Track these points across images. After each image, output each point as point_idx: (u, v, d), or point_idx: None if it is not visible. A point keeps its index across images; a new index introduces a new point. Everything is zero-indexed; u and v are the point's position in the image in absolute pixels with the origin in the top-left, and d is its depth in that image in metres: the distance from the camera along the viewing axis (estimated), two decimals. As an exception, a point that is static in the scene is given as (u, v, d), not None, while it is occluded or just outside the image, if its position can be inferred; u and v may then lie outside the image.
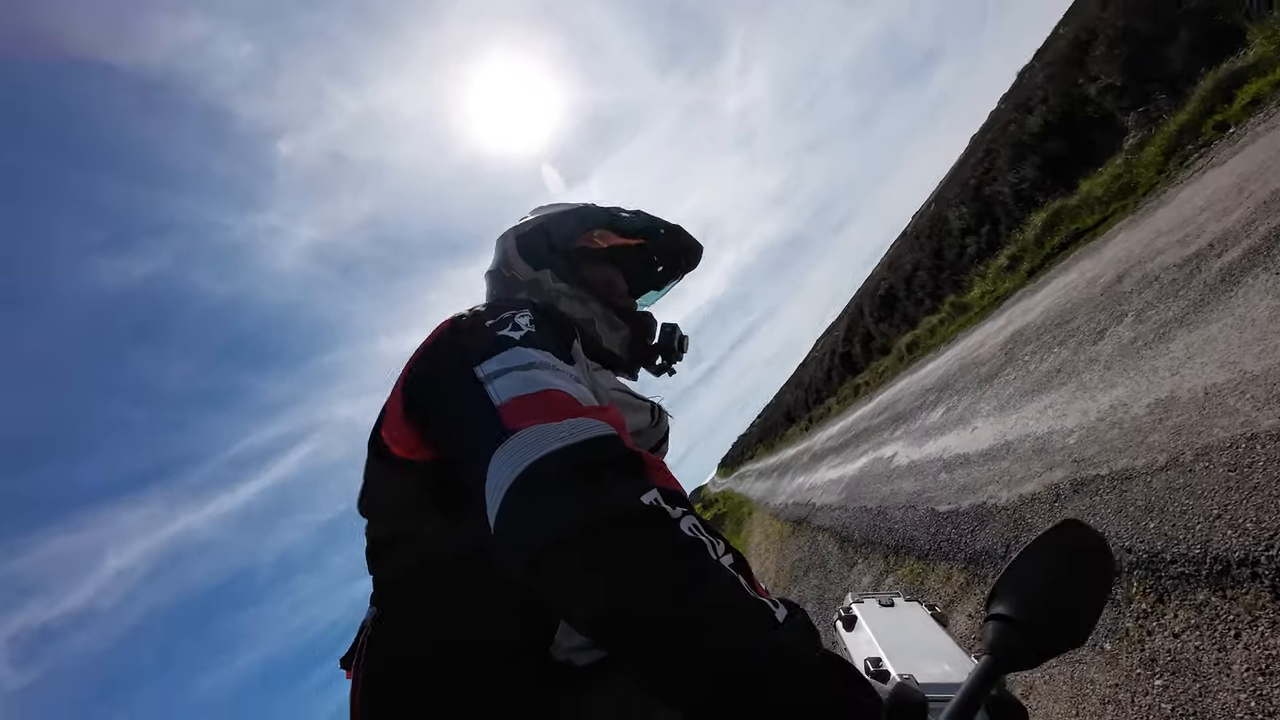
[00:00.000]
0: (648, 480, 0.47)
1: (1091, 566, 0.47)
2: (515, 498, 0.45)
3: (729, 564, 0.44)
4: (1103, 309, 4.20)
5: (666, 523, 0.44)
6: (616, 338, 0.97)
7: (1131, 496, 2.25)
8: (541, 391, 0.55)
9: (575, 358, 0.69)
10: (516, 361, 0.59)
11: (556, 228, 0.99)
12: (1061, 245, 7.24)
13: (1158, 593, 1.83)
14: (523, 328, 0.66)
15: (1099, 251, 5.74)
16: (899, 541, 4.12)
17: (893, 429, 7.43)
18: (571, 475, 0.46)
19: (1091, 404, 3.22)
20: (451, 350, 0.67)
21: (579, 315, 0.95)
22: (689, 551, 0.43)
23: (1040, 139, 8.10)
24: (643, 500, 0.44)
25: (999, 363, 5.46)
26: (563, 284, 0.95)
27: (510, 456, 0.47)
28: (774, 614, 0.42)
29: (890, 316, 14.28)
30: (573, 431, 0.48)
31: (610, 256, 1.04)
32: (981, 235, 9.87)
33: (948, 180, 23.61)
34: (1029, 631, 0.43)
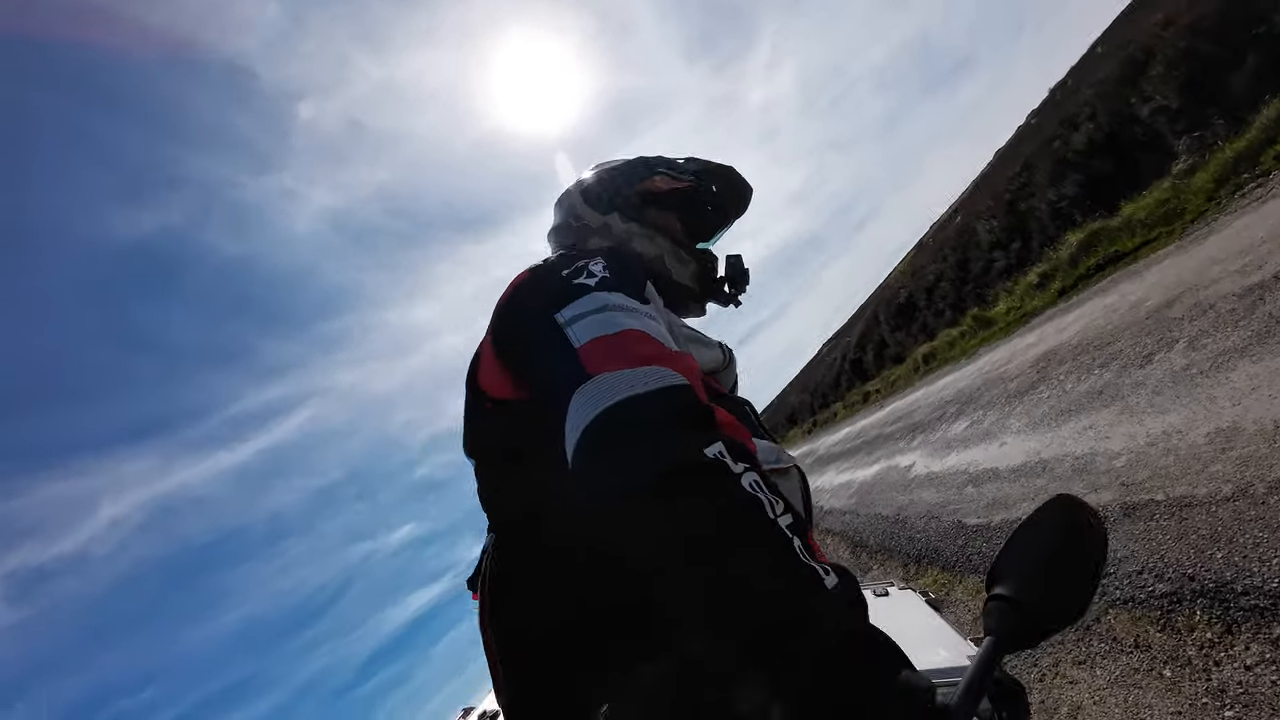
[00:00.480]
0: (716, 432, 0.47)
1: (1086, 542, 0.47)
2: (589, 442, 0.47)
3: (786, 524, 0.43)
4: (1149, 333, 4.13)
5: (726, 477, 0.44)
6: (687, 271, 1.00)
7: (1194, 524, 2.20)
8: (619, 332, 0.56)
9: (651, 297, 0.71)
10: (592, 306, 0.60)
11: (618, 176, 1.04)
12: (1098, 266, 7.13)
13: (1225, 623, 1.79)
14: (597, 274, 0.67)
15: (1141, 275, 5.64)
16: (920, 551, 4.09)
17: (909, 438, 7.38)
18: (642, 424, 0.47)
19: (1139, 428, 3.17)
20: (532, 298, 0.70)
21: (650, 253, 0.97)
22: (744, 509, 0.43)
23: (1085, 157, 7.94)
24: (706, 453, 0.44)
25: (1030, 380, 5.40)
26: (633, 224, 0.98)
27: (587, 399, 0.49)
28: (823, 580, 0.41)
29: (907, 326, 14.17)
30: (647, 380, 0.49)
31: (668, 201, 1.07)
32: (1011, 250, 9.74)
33: (976, 192, 23.34)
34: (1029, 611, 0.43)
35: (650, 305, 0.68)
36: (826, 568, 0.42)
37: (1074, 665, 2.13)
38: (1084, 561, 0.47)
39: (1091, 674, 2.04)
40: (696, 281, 1.02)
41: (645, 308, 0.65)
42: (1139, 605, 2.10)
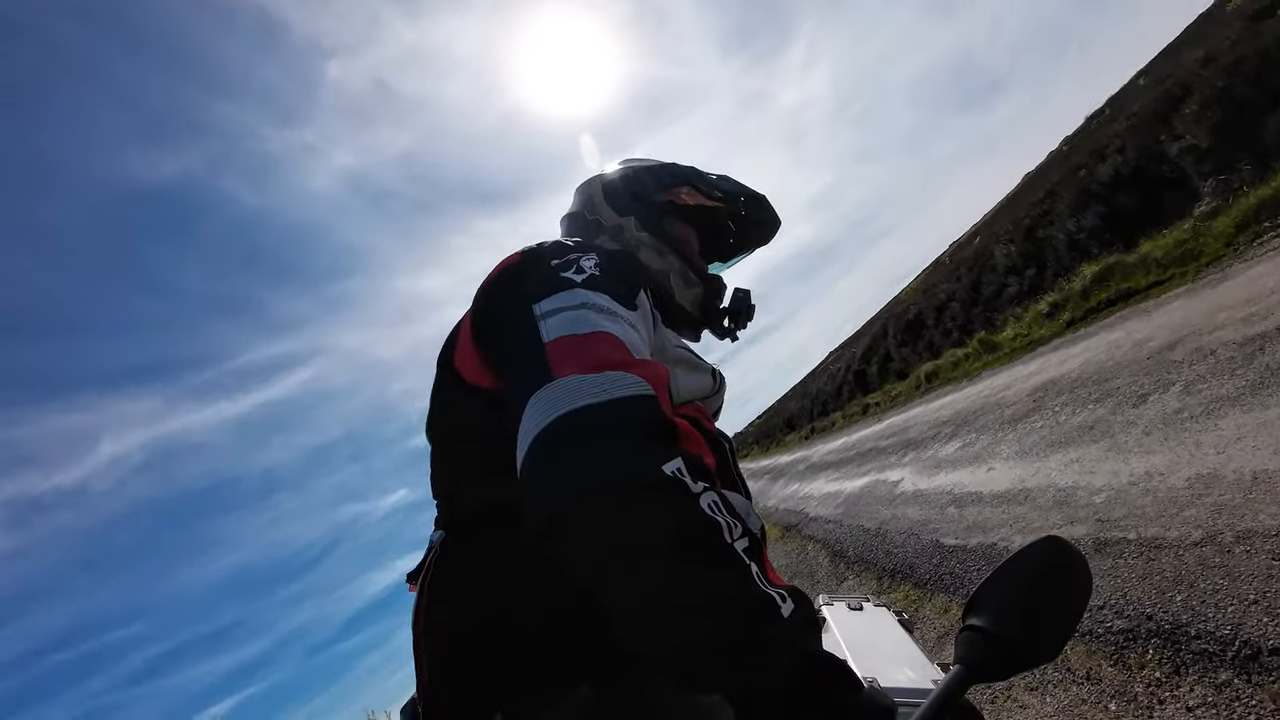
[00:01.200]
0: (674, 448, 0.45)
1: (1069, 583, 0.47)
2: (539, 450, 0.45)
3: (743, 549, 0.42)
4: (1148, 373, 4.12)
5: (683, 497, 0.42)
6: (690, 294, 0.97)
7: (1159, 566, 2.23)
8: (589, 333, 0.54)
9: (639, 306, 0.67)
10: (572, 302, 0.58)
11: (644, 179, 0.99)
12: (1109, 301, 7.08)
13: (1174, 664, 1.83)
14: (586, 270, 0.65)
15: (1149, 314, 5.61)
16: (897, 566, 4.13)
17: (901, 454, 7.40)
18: (597, 434, 0.44)
19: (1124, 466, 3.19)
20: (516, 284, 0.66)
21: (656, 266, 0.94)
22: (700, 531, 0.41)
23: (1109, 189, 7.86)
24: (664, 469, 0.42)
25: (1026, 408, 5.40)
26: (645, 233, 0.95)
27: (544, 403, 0.46)
28: (779, 608, 0.40)
29: (914, 342, 14.12)
30: (607, 387, 0.47)
31: (690, 216, 1.03)
32: (1026, 277, 9.67)
33: (997, 215, 23.09)
34: (1002, 644, 0.43)
35: (636, 312, 0.65)
36: (783, 593, 0.42)
37: (1026, 690, 2.18)
38: (1064, 604, 0.46)
39: (1041, 700, 2.09)
40: (698, 307, 0.98)
41: (629, 314, 0.62)
42: (1096, 639, 2.13)
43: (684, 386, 0.79)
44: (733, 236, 1.15)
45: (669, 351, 0.79)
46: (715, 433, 0.82)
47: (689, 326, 1.00)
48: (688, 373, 0.81)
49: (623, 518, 0.40)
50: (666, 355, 0.78)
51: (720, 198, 1.03)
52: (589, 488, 0.41)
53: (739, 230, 1.14)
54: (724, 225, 1.12)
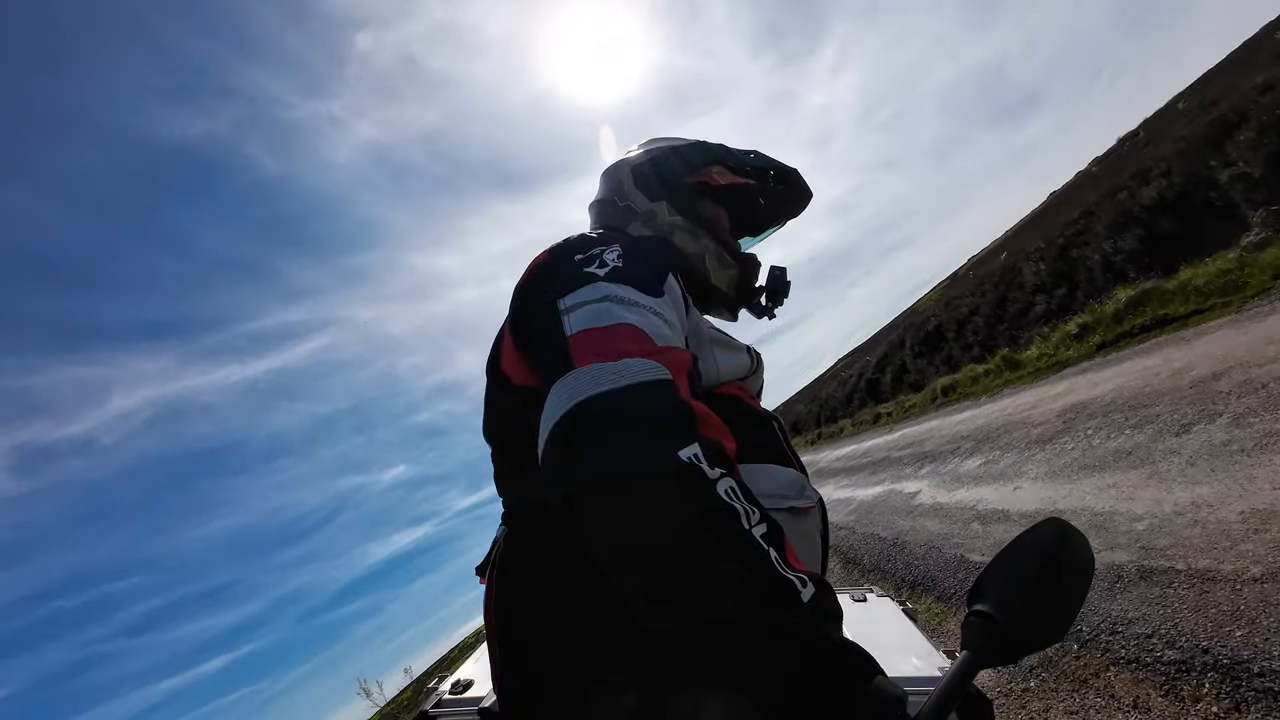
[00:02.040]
0: (692, 433, 0.44)
1: (1072, 566, 0.48)
2: (557, 436, 0.45)
3: (761, 534, 0.42)
4: (1191, 403, 4.03)
5: (699, 484, 0.42)
6: (725, 275, 0.96)
7: (1215, 599, 2.17)
8: (610, 325, 0.54)
9: (668, 291, 0.67)
10: (594, 295, 0.59)
11: (674, 160, 0.97)
12: (1143, 327, 6.95)
13: (1234, 700, 1.78)
14: (609, 263, 0.65)
15: (1189, 343, 5.49)
16: (917, 578, 4.09)
17: (917, 466, 7.33)
18: (614, 420, 0.44)
19: (1167, 495, 3.12)
20: (544, 283, 0.68)
21: (691, 249, 0.93)
22: (715, 519, 0.41)
23: (1151, 213, 7.69)
24: (680, 455, 0.42)
25: (1055, 429, 5.32)
26: (679, 217, 0.94)
27: (562, 392, 0.47)
28: (799, 593, 0.40)
29: (931, 355, 13.98)
30: (625, 373, 0.47)
31: (722, 195, 1.02)
32: (1055, 296, 9.52)
33: (1024, 232, 22.76)
34: (1008, 629, 0.43)
35: (664, 298, 0.65)
36: (803, 578, 0.41)
37: (1065, 714, 2.14)
38: (1068, 586, 0.47)
39: (1084, 726, 2.05)
40: (733, 288, 0.97)
41: (654, 301, 0.62)
42: (1144, 668, 2.09)
43: (723, 367, 0.80)
44: (764, 210, 1.14)
45: (703, 334, 0.79)
46: (761, 412, 0.82)
47: (725, 307, 0.99)
48: (725, 354, 0.82)
49: (638, 505, 0.41)
50: (701, 337, 0.78)
51: (752, 174, 1.01)
52: (604, 474, 0.42)
53: (770, 204, 1.12)
54: (755, 200, 1.10)
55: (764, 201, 1.11)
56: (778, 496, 0.71)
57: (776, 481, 0.72)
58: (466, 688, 1.32)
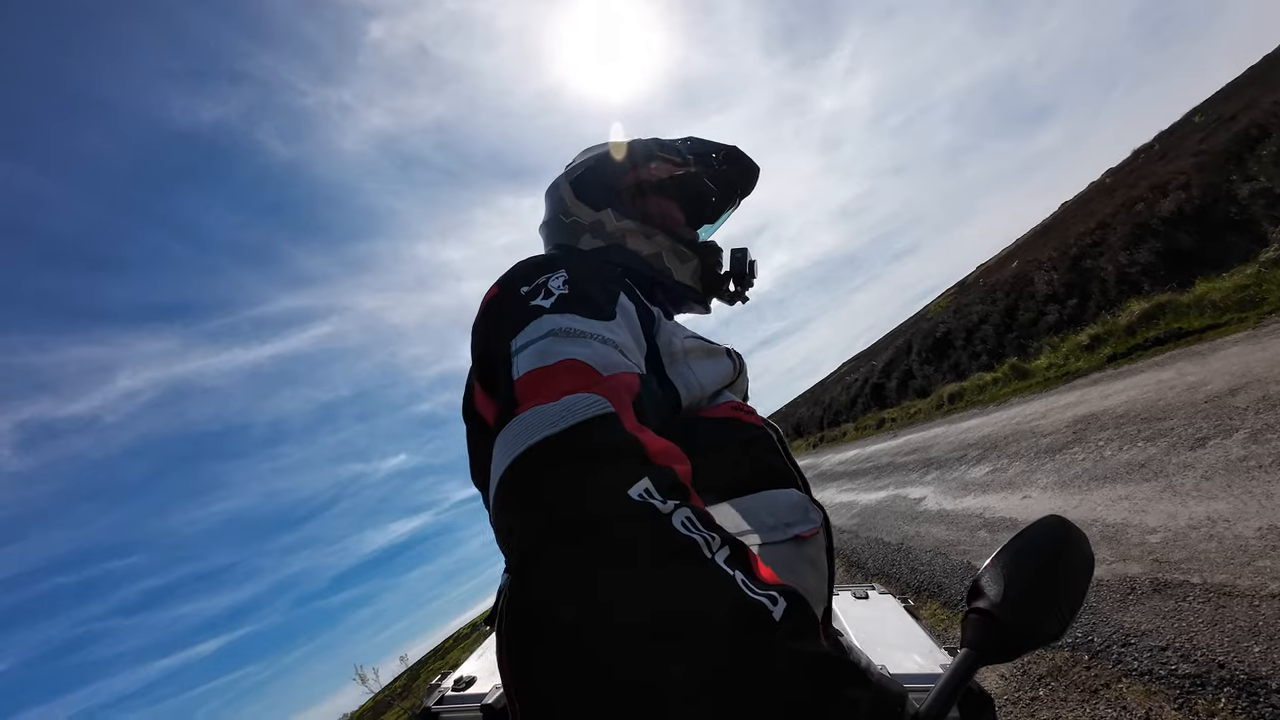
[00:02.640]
0: (640, 467, 0.43)
1: (1073, 563, 0.48)
2: (501, 496, 0.43)
3: (724, 559, 0.40)
4: (1206, 417, 4.00)
5: (653, 521, 0.40)
6: (687, 269, 0.94)
7: (1231, 614, 2.15)
8: (554, 364, 0.52)
9: (620, 312, 0.66)
10: (539, 333, 0.57)
11: (610, 164, 0.96)
12: (1157, 340, 6.89)
13: (1251, 716, 1.76)
14: (554, 292, 0.63)
15: (1204, 358, 5.44)
16: (923, 583, 4.07)
17: (922, 472, 7.31)
18: (555, 471, 0.43)
19: (1181, 509, 3.09)
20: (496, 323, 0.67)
21: (646, 251, 0.91)
22: (674, 555, 0.39)
23: (1169, 226, 7.62)
24: (630, 494, 0.40)
25: (1065, 439, 5.28)
26: (627, 220, 0.92)
27: (504, 445, 0.46)
28: (770, 614, 0.38)
29: (939, 362, 13.91)
30: (563, 415, 0.45)
31: (666, 189, 1.00)
32: (1067, 306, 9.45)
33: (1036, 241, 22.62)
34: (1008, 626, 0.43)
35: (615, 320, 0.63)
36: (773, 595, 0.39)
37: (1076, 724, 2.13)
38: (1068, 583, 0.47)
39: (1094, 736, 2.03)
40: (698, 279, 0.95)
41: (603, 326, 0.60)
42: (1157, 679, 2.07)
43: (704, 377, 0.77)
44: (715, 195, 1.11)
45: (676, 347, 0.76)
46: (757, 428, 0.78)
47: (695, 301, 0.98)
48: (703, 361, 0.79)
49: (592, 557, 0.39)
50: (674, 352, 0.76)
51: (691, 161, 0.99)
52: (553, 532, 0.40)
53: (719, 187, 1.11)
54: (703, 187, 1.08)
55: (714, 185, 1.10)
56: (780, 527, 0.68)
57: (778, 508, 0.70)
58: (469, 684, 1.32)
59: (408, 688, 32.35)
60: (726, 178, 1.08)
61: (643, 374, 0.59)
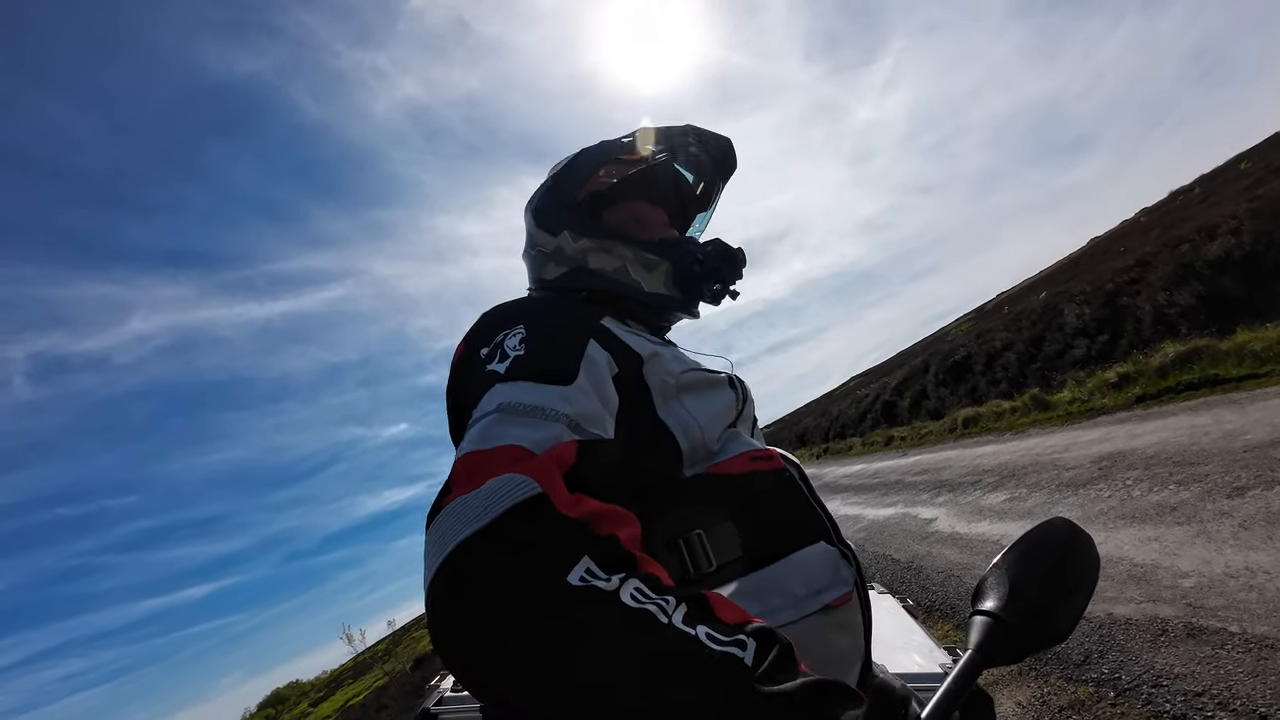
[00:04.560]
0: (577, 547, 0.41)
1: (1077, 565, 0.47)
2: (433, 610, 0.40)
3: (683, 619, 0.38)
4: (1245, 467, 3.90)
5: (600, 604, 0.38)
6: (658, 277, 0.86)
7: (1274, 666, 2.09)
8: (491, 448, 0.50)
9: (585, 368, 0.61)
10: (488, 407, 0.55)
11: (561, 183, 0.90)
12: (1190, 385, 6.75)
13: (1294, 773, 1.71)
14: (510, 354, 0.61)
15: (1242, 406, 5.32)
16: (935, 603, 4.03)
17: (933, 494, 7.23)
18: (487, 568, 0.40)
19: (1217, 556, 3.02)
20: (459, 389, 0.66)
21: (609, 267, 0.85)
22: (630, 632, 0.37)
23: (1215, 270, 7.44)
24: (570, 581, 0.38)
25: (1090, 474, 5.19)
26: (584, 239, 0.86)
27: (431, 545, 0.43)
28: (741, 661, 0.37)
29: (955, 385, 13.76)
30: (489, 505, 0.42)
31: (630, 190, 0.93)
32: (1096, 342, 9.28)
33: (1057, 273, 22.27)
34: (1013, 628, 0.43)
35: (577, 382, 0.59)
36: (741, 639, 0.38)
37: (1100, 760, 2.08)
38: (1073, 585, 0.46)
39: (1121, 774, 1.99)
40: (671, 285, 0.86)
41: (556, 393, 0.56)
42: (1192, 726, 2.02)
43: (701, 415, 0.71)
44: (699, 182, 1.02)
45: (671, 381, 0.71)
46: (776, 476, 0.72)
47: (677, 309, 0.90)
48: (703, 395, 0.74)
49: (545, 659, 0.37)
50: (668, 386, 0.71)
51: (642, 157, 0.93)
52: (497, 642, 0.37)
53: (699, 172, 1.01)
54: (673, 177, 0.99)
55: (692, 175, 1.01)
56: (811, 596, 0.63)
57: (807, 573, 0.65)
58: None
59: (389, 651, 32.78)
60: (698, 162, 1.00)
61: (589, 440, 0.54)
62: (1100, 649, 2.66)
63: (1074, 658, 2.69)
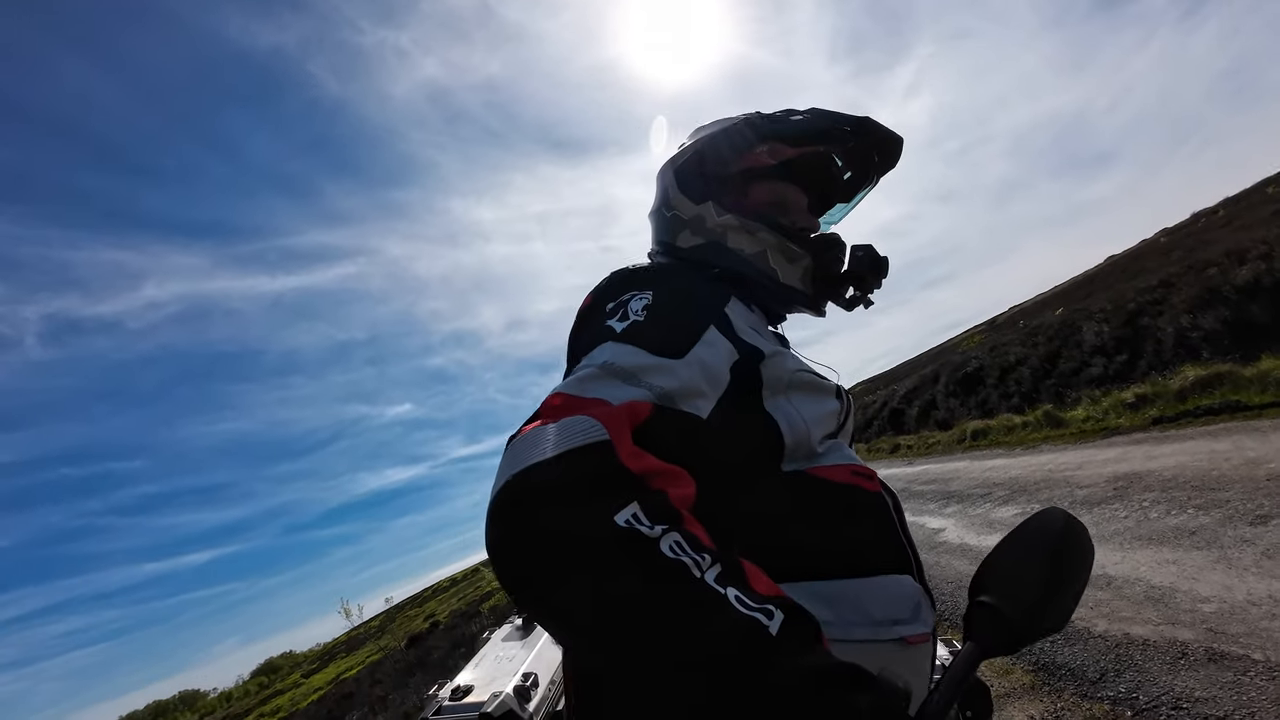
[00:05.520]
0: (628, 493, 0.43)
1: (1073, 554, 0.48)
2: (492, 523, 0.44)
3: (715, 576, 0.41)
4: (1269, 495, 3.85)
5: (639, 547, 0.40)
6: (796, 270, 0.83)
7: (1300, 697, 2.07)
8: (584, 397, 0.53)
9: (701, 347, 0.62)
10: (597, 360, 0.57)
11: (715, 150, 0.85)
12: (1209, 410, 6.66)
13: (1320, 804, 1.69)
14: (631, 316, 0.62)
15: (1265, 435, 5.25)
16: (943, 613, 4.01)
17: (941, 504, 7.20)
18: (545, 496, 0.43)
19: (1238, 583, 2.99)
20: (578, 334, 0.68)
21: (749, 250, 0.82)
22: (661, 580, 0.40)
23: (1243, 295, 7.33)
24: (616, 521, 0.41)
25: (1105, 493, 5.15)
26: (729, 215, 0.82)
27: (501, 467, 0.47)
28: (766, 630, 0.38)
29: (966, 396, 13.67)
30: (558, 439, 0.46)
31: (782, 174, 0.88)
32: (1114, 361, 9.19)
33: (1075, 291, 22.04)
34: (1010, 619, 0.44)
35: (686, 358, 0.59)
36: (769, 609, 0.40)
37: (1116, 778, 2.07)
38: (1069, 574, 0.47)
39: (1138, 794, 1.98)
40: (808, 281, 0.84)
41: (663, 364, 0.57)
42: (1213, 750, 2.00)
43: (808, 416, 0.69)
44: (848, 171, 0.97)
45: (784, 376, 0.70)
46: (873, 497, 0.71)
47: (805, 305, 0.88)
48: (811, 397, 0.72)
49: (581, 586, 0.40)
50: (780, 380, 0.69)
51: (813, 138, 0.85)
52: (542, 561, 0.41)
53: (852, 162, 0.95)
54: (830, 165, 0.95)
55: (843, 163, 0.95)
56: (887, 624, 0.62)
57: (888, 599, 0.64)
58: (466, 693, 1.31)
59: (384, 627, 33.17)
60: (858, 153, 0.93)
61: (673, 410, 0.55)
62: (1116, 667, 2.64)
63: (1089, 674, 2.68)
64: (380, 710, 8.69)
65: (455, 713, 1.23)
